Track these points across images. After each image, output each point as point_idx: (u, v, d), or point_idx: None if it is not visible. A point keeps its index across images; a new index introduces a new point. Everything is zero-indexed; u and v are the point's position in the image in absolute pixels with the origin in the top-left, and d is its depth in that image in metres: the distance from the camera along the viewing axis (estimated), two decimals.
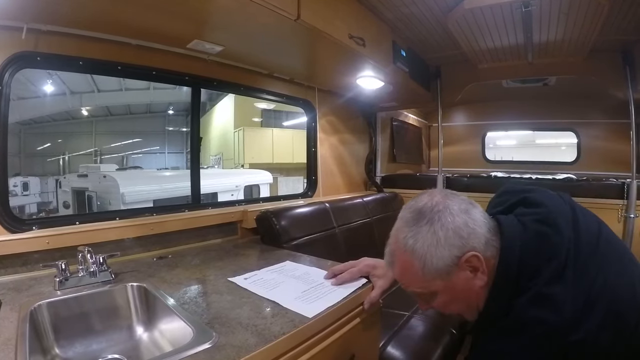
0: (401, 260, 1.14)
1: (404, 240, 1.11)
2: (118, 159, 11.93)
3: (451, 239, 1.05)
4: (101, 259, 1.58)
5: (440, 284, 1.09)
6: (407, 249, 1.10)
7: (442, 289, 1.10)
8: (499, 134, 6.49)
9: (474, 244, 1.05)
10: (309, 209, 2.76)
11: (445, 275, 1.07)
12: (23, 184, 8.96)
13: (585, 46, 3.10)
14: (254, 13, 1.75)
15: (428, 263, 1.06)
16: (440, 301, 1.14)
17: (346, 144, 3.97)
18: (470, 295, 1.11)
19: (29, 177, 9.23)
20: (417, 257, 1.07)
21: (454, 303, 1.15)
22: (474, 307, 1.15)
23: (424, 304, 1.22)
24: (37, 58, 1.78)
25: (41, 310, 1.34)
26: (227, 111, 13.16)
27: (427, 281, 1.09)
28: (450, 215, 1.08)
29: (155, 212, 2.27)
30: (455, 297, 1.13)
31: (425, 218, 1.09)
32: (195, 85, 2.49)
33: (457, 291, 1.10)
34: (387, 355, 1.95)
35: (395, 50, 2.99)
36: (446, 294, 1.12)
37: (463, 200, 1.14)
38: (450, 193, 1.17)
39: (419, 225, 1.09)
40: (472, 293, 1.10)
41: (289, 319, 1.21)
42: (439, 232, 1.06)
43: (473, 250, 1.05)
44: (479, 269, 1.07)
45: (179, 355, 0.99)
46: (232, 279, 1.61)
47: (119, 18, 1.80)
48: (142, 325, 1.52)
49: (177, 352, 1.01)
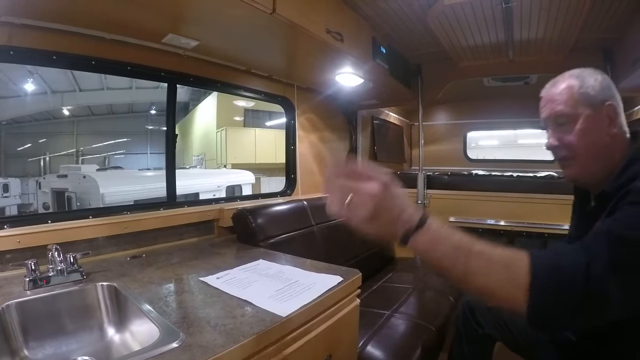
0: (563, 82, 1.32)
1: (569, 73, 1.32)
2: (100, 159, 11.88)
3: (605, 84, 1.27)
4: (72, 258, 1.55)
5: (584, 111, 1.25)
6: (572, 75, 1.31)
7: (584, 117, 1.25)
8: (482, 134, 6.51)
9: (615, 102, 1.27)
10: (286, 207, 2.74)
11: (590, 105, 1.25)
12: (3, 185, 8.88)
13: (566, 44, 3.11)
14: (228, 6, 1.72)
15: (584, 87, 1.26)
16: (577, 129, 1.26)
17: (326, 142, 3.95)
18: (602, 141, 1.25)
19: (9, 178, 9.15)
20: (578, 80, 1.28)
21: (586, 139, 1.26)
22: (600, 161, 1.28)
23: (556, 132, 1.34)
24: (11, 52, 1.74)
25: (9, 311, 1.31)
26: (209, 111, 13.15)
27: (576, 102, 1.26)
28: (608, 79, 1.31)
29: (130, 210, 2.23)
30: (589, 132, 1.26)
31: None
32: (171, 81, 2.45)
33: (593, 128, 1.25)
34: (366, 355, 1.93)
35: (375, 47, 2.97)
36: (585, 123, 1.25)
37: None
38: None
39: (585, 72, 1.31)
40: (603, 139, 1.25)
41: (260, 318, 1.18)
42: (599, 77, 1.28)
43: (614, 103, 1.26)
44: (614, 121, 1.25)
45: (142, 356, 0.96)
46: (204, 278, 1.59)
47: (93, 11, 1.76)
48: (113, 326, 1.49)
49: (140, 353, 0.98)
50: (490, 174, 4.11)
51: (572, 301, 0.90)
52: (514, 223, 3.54)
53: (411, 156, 6.07)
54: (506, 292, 0.92)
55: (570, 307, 0.91)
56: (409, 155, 6.04)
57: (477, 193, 3.72)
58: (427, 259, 0.96)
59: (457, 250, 0.92)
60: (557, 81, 1.35)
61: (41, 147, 10.87)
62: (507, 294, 0.92)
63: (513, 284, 0.91)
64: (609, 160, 1.26)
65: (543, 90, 1.40)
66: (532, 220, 3.41)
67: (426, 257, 0.95)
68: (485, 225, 3.69)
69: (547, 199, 3.40)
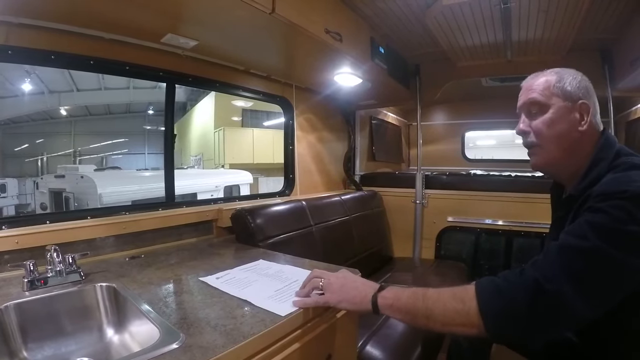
0: (543, 76, 1.35)
1: (552, 69, 1.35)
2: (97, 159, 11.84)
3: (583, 84, 1.30)
4: (70, 259, 1.55)
5: (557, 103, 1.28)
6: (553, 71, 1.34)
7: (556, 107, 1.28)
8: (479, 134, 6.52)
9: (590, 102, 1.28)
10: (285, 207, 2.73)
11: (564, 99, 1.27)
12: (0, 186, 8.85)
13: (564, 45, 3.11)
14: (228, 5, 1.72)
15: (561, 82, 1.29)
16: (547, 117, 1.29)
17: (324, 142, 3.96)
18: (570, 134, 1.28)
19: (6, 178, 9.12)
20: (557, 75, 1.31)
21: (554, 128, 1.29)
22: (567, 154, 1.30)
23: (528, 118, 1.36)
24: (9, 52, 1.74)
25: (8, 312, 1.30)
26: (207, 111, 13.14)
27: (551, 93, 1.29)
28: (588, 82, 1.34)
29: (129, 210, 2.23)
30: (559, 122, 1.28)
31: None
32: (170, 81, 2.44)
33: (563, 121, 1.28)
34: (366, 355, 1.94)
35: (374, 47, 2.98)
36: (556, 113, 1.28)
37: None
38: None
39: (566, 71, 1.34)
40: (572, 133, 1.28)
41: (260, 319, 1.18)
42: (578, 76, 1.31)
43: (588, 102, 1.28)
44: (585, 118, 1.27)
45: (142, 357, 0.95)
46: (204, 278, 1.59)
47: (91, 10, 1.76)
48: (112, 326, 1.49)
49: (141, 354, 0.98)
50: (489, 173, 4.10)
51: (522, 314, 0.99)
52: (512, 223, 3.54)
53: (409, 156, 6.08)
54: (463, 318, 1.06)
55: (522, 319, 1.00)
56: (407, 155, 6.05)
57: (475, 193, 3.71)
58: (395, 309, 1.18)
59: (414, 295, 1.15)
60: (538, 74, 1.38)
61: (38, 147, 10.84)
62: (465, 319, 1.06)
63: (465, 309, 1.06)
64: (576, 157, 1.29)
65: (524, 81, 1.44)
66: (530, 220, 3.41)
67: (394, 307, 1.18)
68: (483, 225, 3.68)
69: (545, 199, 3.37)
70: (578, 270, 0.97)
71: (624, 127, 4.04)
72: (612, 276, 0.98)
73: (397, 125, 5.69)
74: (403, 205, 4.07)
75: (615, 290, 0.99)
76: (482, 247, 3.73)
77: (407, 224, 4.04)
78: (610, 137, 1.30)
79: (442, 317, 1.09)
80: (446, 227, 3.89)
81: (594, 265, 0.97)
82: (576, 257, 0.99)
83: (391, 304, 1.18)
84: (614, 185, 1.06)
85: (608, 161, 1.20)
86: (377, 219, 3.91)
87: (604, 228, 0.98)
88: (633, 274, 0.98)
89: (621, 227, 0.96)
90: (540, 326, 0.99)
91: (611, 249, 0.96)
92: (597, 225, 1.00)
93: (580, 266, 0.98)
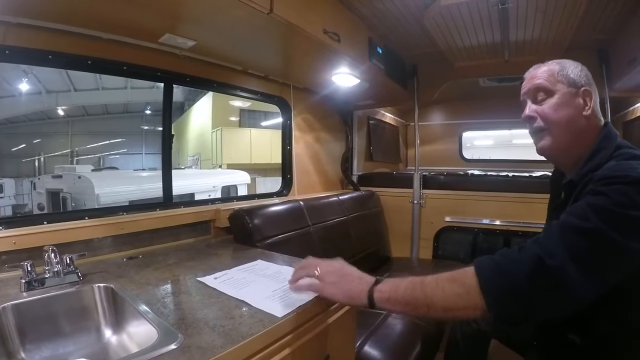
0: (545, 65, 1.39)
1: (553, 60, 1.40)
2: (95, 159, 11.82)
3: (584, 73, 1.35)
4: (68, 260, 1.54)
5: (562, 89, 1.32)
6: (554, 61, 1.38)
7: (561, 94, 1.32)
8: (477, 134, 6.52)
9: (592, 90, 1.33)
10: (282, 207, 2.73)
11: (569, 85, 1.31)
12: None
13: (561, 45, 3.11)
14: (225, 5, 1.72)
15: (564, 70, 1.33)
16: (553, 102, 1.33)
17: (322, 143, 3.96)
18: (577, 119, 1.31)
19: (4, 178, 9.10)
20: (560, 65, 1.36)
21: (561, 112, 1.32)
22: (573, 138, 1.33)
23: (534, 103, 1.39)
24: (6, 52, 1.73)
25: (5, 313, 1.30)
26: (205, 111, 13.13)
27: (556, 80, 1.33)
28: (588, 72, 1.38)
29: (127, 211, 2.22)
30: (565, 107, 1.32)
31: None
32: (168, 81, 2.44)
33: (569, 106, 1.31)
34: (364, 355, 1.94)
35: (372, 47, 2.98)
36: (562, 98, 1.32)
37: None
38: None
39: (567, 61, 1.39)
40: (578, 118, 1.31)
41: (258, 319, 1.18)
42: (579, 66, 1.36)
43: (590, 89, 1.32)
44: (588, 104, 1.31)
45: (141, 358, 0.95)
46: (202, 278, 1.58)
47: (89, 10, 1.76)
48: (110, 327, 1.48)
49: (139, 355, 0.97)
50: (486, 174, 4.10)
51: (523, 289, 1.00)
52: (510, 223, 3.54)
53: (407, 156, 6.08)
54: (465, 301, 1.06)
55: (523, 296, 1.00)
56: (404, 155, 6.05)
57: (473, 193, 3.71)
58: (393, 301, 1.16)
59: (412, 285, 1.14)
60: (540, 65, 1.42)
61: (36, 147, 10.81)
62: (466, 301, 1.06)
63: (466, 290, 1.06)
64: (581, 143, 1.32)
65: (526, 73, 1.47)
66: (527, 220, 3.41)
67: (392, 300, 1.16)
68: (481, 225, 3.69)
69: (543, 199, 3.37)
70: (580, 250, 0.99)
71: (621, 127, 4.03)
72: (613, 258, 0.99)
73: (395, 125, 5.69)
74: (401, 205, 4.07)
75: (615, 272, 1.01)
76: (480, 247, 3.73)
77: (405, 224, 4.04)
78: (613, 130, 1.33)
79: (442, 303, 1.09)
80: (444, 227, 3.89)
81: (595, 246, 0.99)
82: (578, 237, 1.00)
83: (388, 297, 1.16)
84: (617, 170, 1.07)
85: (610, 151, 1.23)
86: (375, 219, 3.92)
87: (606, 210, 1.00)
88: (632, 258, 0.99)
89: (623, 211, 0.98)
90: (541, 302, 1.00)
91: (612, 231, 0.97)
92: (598, 207, 1.01)
93: (582, 246, 0.99)
